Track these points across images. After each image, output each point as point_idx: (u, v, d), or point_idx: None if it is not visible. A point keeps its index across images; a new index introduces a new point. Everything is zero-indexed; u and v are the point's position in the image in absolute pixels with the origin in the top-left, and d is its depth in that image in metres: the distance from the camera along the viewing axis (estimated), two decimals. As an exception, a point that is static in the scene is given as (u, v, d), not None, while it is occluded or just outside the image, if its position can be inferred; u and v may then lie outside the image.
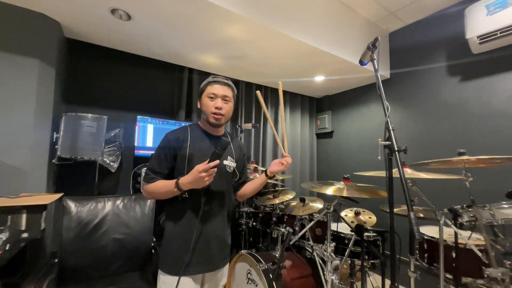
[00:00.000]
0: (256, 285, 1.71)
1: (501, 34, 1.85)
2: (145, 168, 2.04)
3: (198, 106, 1.23)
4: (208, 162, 0.99)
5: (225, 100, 1.17)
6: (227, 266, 1.26)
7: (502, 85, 2.01)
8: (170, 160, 1.13)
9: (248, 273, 1.81)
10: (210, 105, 1.15)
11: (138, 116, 2.27)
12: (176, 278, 1.05)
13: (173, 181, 1.05)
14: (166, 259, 1.11)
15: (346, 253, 1.67)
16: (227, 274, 1.29)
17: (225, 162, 1.20)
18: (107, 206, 1.68)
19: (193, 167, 1.02)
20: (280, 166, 1.21)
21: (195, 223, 1.09)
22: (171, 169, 1.15)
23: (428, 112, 2.46)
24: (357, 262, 1.68)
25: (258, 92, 1.28)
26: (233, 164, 1.25)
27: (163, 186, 1.09)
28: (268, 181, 1.33)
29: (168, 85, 2.62)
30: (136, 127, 2.25)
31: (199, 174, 0.98)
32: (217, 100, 1.15)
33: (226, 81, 1.20)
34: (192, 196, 1.11)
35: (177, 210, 1.13)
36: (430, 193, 1.57)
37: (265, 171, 1.26)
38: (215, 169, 1.01)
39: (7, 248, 1.16)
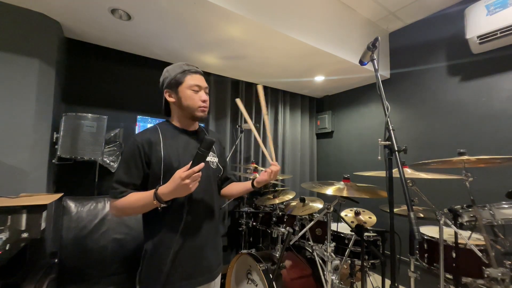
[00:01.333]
0: (256, 285, 1.71)
1: (501, 34, 1.85)
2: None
3: (171, 99, 1.06)
4: (191, 166, 0.85)
5: (206, 92, 1.09)
6: (219, 277, 1.14)
7: (502, 85, 2.01)
8: (141, 168, 0.96)
9: (248, 273, 1.81)
10: (196, 99, 1.03)
11: (138, 116, 2.27)
12: None
13: (150, 192, 0.89)
14: (149, 282, 0.96)
15: (346, 253, 1.67)
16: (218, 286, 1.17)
17: (207, 158, 1.06)
18: (107, 206, 1.67)
19: (171, 171, 0.90)
20: (266, 176, 1.10)
21: (180, 233, 0.95)
22: (144, 178, 0.98)
23: (428, 112, 2.46)
24: (357, 262, 1.68)
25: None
26: (215, 159, 1.14)
27: (138, 199, 0.92)
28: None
29: (168, 85, 2.61)
30: (136, 127, 2.25)
31: (182, 182, 0.83)
32: (201, 93, 1.05)
33: (198, 69, 1.11)
34: (174, 203, 0.96)
35: (158, 224, 0.98)
36: (430, 193, 1.57)
37: (252, 181, 1.16)
38: (200, 174, 0.87)
39: (7, 248, 1.16)
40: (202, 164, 0.86)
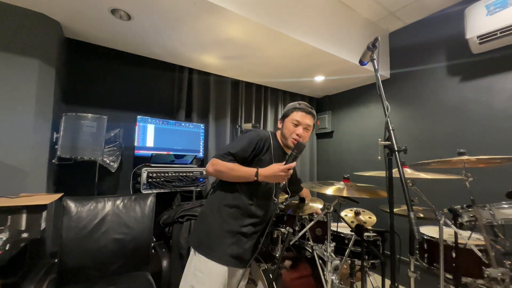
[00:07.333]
0: (256, 285, 1.71)
1: (501, 34, 1.85)
2: (145, 168, 2.04)
3: (279, 125, 1.39)
4: (286, 163, 1.14)
5: (307, 129, 1.31)
6: (247, 271, 1.38)
7: (502, 85, 2.01)
8: (249, 154, 1.24)
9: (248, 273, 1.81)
10: (292, 131, 1.29)
11: (138, 116, 2.27)
12: (215, 264, 1.17)
13: (252, 169, 1.17)
14: (213, 246, 1.20)
15: (346, 253, 1.66)
16: (246, 276, 1.41)
17: None
18: (107, 206, 1.67)
19: (259, 164, 1.21)
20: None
21: (243, 217, 1.26)
22: (242, 161, 1.23)
23: (428, 112, 2.45)
24: (357, 262, 1.68)
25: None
26: None
27: (241, 169, 1.18)
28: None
29: (168, 85, 2.61)
30: (136, 127, 2.25)
31: (279, 172, 1.13)
32: (299, 128, 1.28)
33: (310, 109, 1.32)
34: (247, 193, 1.26)
35: (234, 203, 1.26)
36: (430, 193, 1.57)
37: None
38: (291, 171, 1.15)
39: (7, 248, 1.16)
40: (294, 163, 1.15)
